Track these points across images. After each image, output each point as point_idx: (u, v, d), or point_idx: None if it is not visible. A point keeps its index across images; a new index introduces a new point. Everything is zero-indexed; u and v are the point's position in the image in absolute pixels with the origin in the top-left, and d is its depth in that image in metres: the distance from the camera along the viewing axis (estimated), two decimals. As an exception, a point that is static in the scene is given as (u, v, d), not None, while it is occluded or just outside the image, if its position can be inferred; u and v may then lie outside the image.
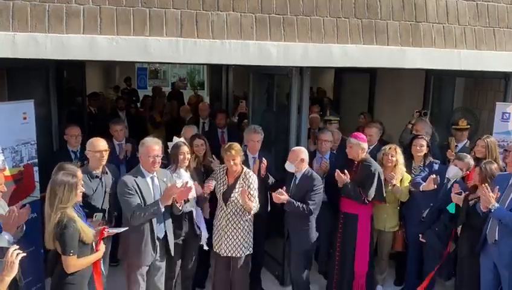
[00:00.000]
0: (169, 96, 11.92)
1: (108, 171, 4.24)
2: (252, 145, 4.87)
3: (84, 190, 3.46)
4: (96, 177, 4.12)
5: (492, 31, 5.34)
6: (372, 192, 4.57)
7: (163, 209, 3.88)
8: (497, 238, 4.02)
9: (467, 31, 5.22)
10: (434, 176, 4.60)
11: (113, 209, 4.23)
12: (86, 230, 3.27)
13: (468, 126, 5.68)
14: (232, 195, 4.33)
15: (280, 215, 4.78)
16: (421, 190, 4.70)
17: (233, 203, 4.35)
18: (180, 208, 4.02)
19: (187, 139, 5.00)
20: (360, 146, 4.65)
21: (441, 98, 6.60)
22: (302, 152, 4.49)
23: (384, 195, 4.73)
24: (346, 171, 4.61)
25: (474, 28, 5.26)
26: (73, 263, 3.22)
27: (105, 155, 4.12)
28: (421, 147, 5.02)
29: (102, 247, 3.50)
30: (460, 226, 4.44)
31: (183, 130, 5.55)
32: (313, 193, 4.38)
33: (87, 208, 3.91)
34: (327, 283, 5.09)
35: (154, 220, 3.95)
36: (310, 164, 5.15)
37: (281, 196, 4.33)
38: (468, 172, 4.61)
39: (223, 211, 4.41)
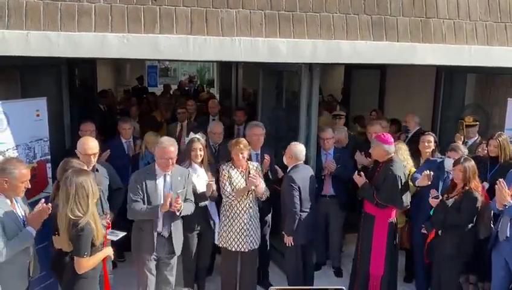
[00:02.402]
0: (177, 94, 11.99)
1: (99, 169, 4.25)
2: (256, 140, 4.86)
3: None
4: None
5: (504, 27, 5.28)
6: (385, 195, 4.45)
7: (160, 215, 3.96)
8: (508, 235, 3.98)
9: (478, 26, 5.17)
10: (428, 171, 4.55)
11: (112, 205, 4.32)
12: (99, 232, 3.31)
13: (476, 123, 5.63)
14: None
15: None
16: (416, 185, 4.68)
17: (253, 194, 4.45)
18: (178, 213, 4.04)
19: (216, 134, 5.13)
20: (383, 148, 4.49)
21: (452, 95, 6.54)
22: (289, 148, 4.61)
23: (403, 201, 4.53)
24: (361, 173, 4.60)
25: (486, 23, 5.20)
26: (86, 264, 3.28)
27: (94, 158, 4.10)
28: (429, 143, 5.01)
29: (109, 248, 3.56)
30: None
31: (210, 126, 5.66)
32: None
33: None
34: (350, 282, 5.03)
35: (158, 220, 4.01)
36: (317, 161, 5.28)
37: None
38: None
39: (241, 204, 4.43)
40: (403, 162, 4.79)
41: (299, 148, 4.59)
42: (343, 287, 2.50)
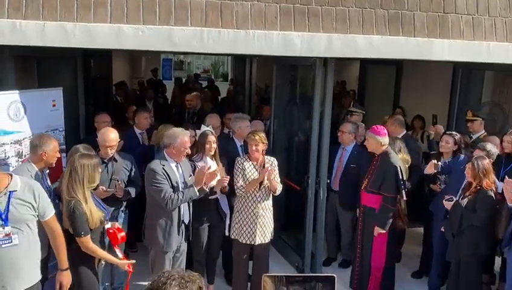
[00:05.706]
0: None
1: (118, 159, 4.32)
2: (247, 132, 4.84)
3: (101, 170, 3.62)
4: (103, 163, 4.20)
5: (525, 23, 5.17)
6: (390, 186, 4.48)
7: (198, 193, 4.02)
8: (523, 234, 3.93)
9: (497, 22, 5.06)
10: (435, 161, 4.66)
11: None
12: (93, 214, 3.38)
13: (476, 118, 5.56)
14: (265, 179, 4.40)
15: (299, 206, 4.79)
16: (424, 173, 4.79)
17: (266, 187, 4.44)
18: (207, 190, 4.14)
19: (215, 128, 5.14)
20: (376, 139, 4.55)
21: (469, 92, 6.43)
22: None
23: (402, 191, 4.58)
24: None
25: (505, 19, 5.09)
26: (86, 245, 3.38)
27: (111, 150, 4.23)
28: (446, 143, 4.97)
29: (123, 261, 3.67)
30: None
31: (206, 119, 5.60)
32: None
33: None
34: (350, 274, 5.05)
35: (181, 206, 4.08)
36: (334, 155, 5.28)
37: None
38: (491, 160, 4.50)
39: (254, 197, 4.44)
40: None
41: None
42: (334, 275, 2.49)
